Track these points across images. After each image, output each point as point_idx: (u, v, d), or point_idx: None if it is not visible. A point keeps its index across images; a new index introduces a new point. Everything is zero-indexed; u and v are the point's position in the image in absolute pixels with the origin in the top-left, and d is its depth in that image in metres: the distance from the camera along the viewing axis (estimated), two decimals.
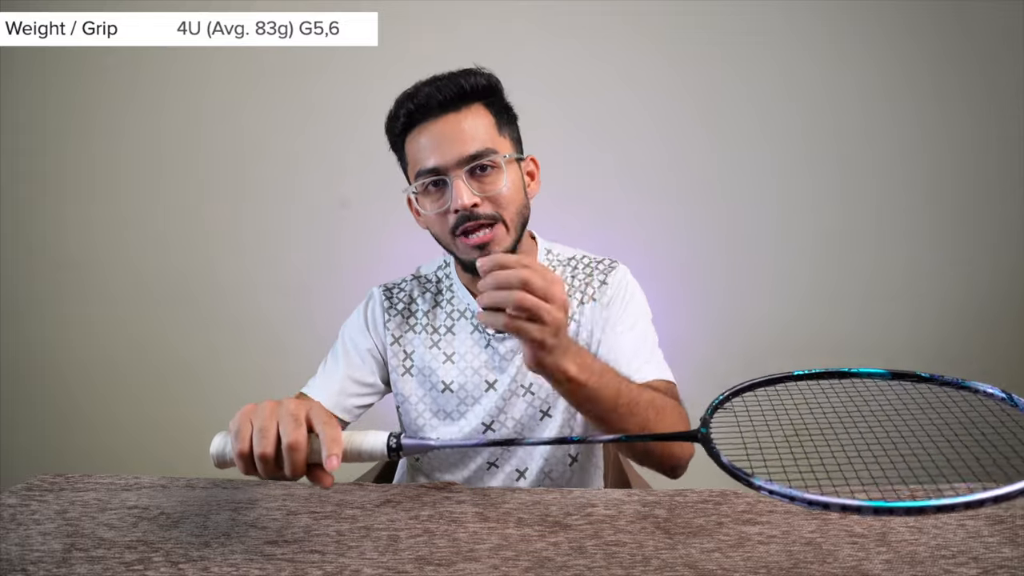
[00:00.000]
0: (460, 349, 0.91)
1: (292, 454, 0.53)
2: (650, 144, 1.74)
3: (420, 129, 0.82)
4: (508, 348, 0.90)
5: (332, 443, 0.53)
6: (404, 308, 0.94)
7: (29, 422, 1.81)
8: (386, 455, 0.56)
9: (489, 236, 0.81)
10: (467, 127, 0.81)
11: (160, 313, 1.79)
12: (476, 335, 0.91)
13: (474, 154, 0.79)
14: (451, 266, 0.96)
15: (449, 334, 0.92)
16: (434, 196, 0.82)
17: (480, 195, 0.79)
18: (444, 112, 0.81)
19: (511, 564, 0.52)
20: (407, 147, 0.84)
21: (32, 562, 0.52)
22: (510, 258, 0.60)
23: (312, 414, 0.55)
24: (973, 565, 0.51)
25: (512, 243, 0.84)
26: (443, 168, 0.80)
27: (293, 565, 0.52)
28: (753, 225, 1.76)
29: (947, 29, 1.68)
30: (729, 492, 0.65)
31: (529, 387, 0.90)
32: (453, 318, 0.93)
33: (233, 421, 0.55)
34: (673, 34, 1.70)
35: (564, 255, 0.97)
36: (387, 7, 1.63)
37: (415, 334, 0.93)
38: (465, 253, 0.83)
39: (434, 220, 0.83)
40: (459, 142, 0.80)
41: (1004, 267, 1.70)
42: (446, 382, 0.91)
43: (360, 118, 1.70)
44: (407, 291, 0.96)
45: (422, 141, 0.81)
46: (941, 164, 1.73)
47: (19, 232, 1.76)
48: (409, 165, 0.85)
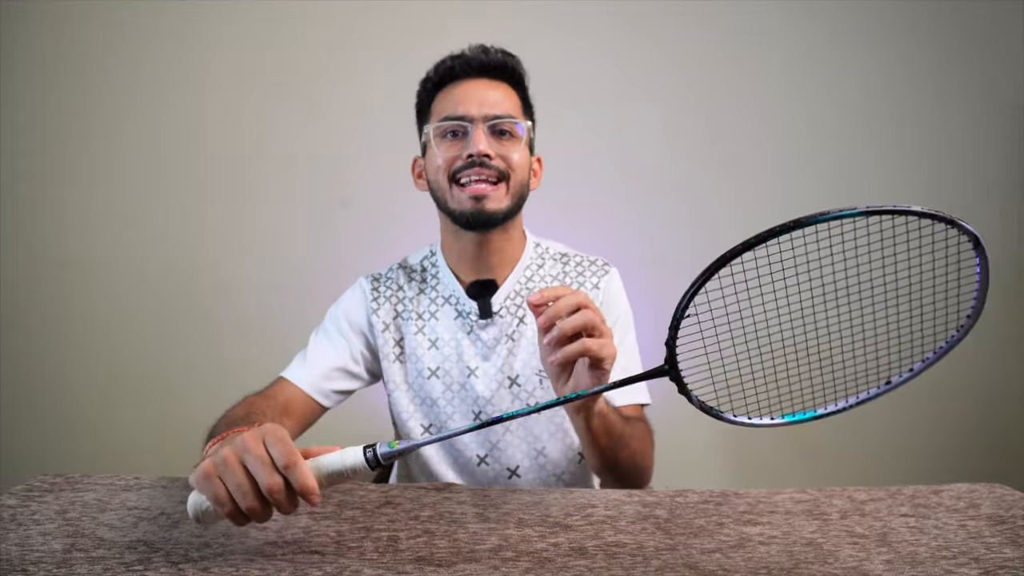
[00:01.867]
0: (444, 335, 0.92)
1: (276, 497, 0.50)
2: (650, 143, 1.74)
3: (455, 84, 0.87)
4: (491, 336, 0.91)
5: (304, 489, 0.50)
6: (392, 295, 0.95)
7: (29, 422, 1.81)
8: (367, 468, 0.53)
9: (488, 189, 0.84)
10: (499, 93, 0.86)
11: (160, 313, 1.79)
12: (459, 321, 0.92)
13: (501, 115, 0.85)
14: (437, 254, 0.96)
15: (433, 319, 0.92)
16: (449, 142, 0.86)
17: (496, 151, 0.84)
18: (481, 75, 0.86)
19: (511, 565, 0.52)
20: (436, 102, 0.88)
21: (32, 562, 0.52)
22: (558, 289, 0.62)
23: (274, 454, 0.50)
24: (974, 566, 0.51)
25: (506, 209, 0.86)
26: (471, 117, 0.84)
27: (293, 565, 0.52)
28: (753, 224, 1.75)
29: (947, 29, 1.69)
30: (730, 492, 0.65)
31: (516, 379, 0.90)
32: (437, 304, 0.93)
33: (200, 482, 0.51)
34: (673, 33, 1.70)
35: (554, 250, 0.97)
36: (388, 7, 1.63)
37: (403, 321, 0.93)
38: (459, 202, 0.85)
39: (439, 165, 0.85)
40: (489, 102, 0.85)
41: (1004, 266, 1.70)
42: (431, 368, 0.91)
43: (360, 118, 1.70)
44: (393, 279, 0.96)
45: (456, 93, 0.86)
46: (941, 164, 1.73)
47: (19, 232, 1.76)
48: (432, 116, 0.88)
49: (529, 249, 0.95)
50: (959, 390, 1.73)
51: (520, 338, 0.90)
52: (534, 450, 0.91)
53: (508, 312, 0.91)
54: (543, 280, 0.93)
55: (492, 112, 0.84)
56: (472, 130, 0.83)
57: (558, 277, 0.94)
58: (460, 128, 0.84)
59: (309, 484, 0.50)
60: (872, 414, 0.78)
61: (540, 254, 0.96)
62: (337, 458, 0.53)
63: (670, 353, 0.56)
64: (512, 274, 0.92)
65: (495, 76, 0.87)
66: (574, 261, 0.96)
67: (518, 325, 0.91)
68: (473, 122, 0.84)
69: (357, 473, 0.53)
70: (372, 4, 1.67)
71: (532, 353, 0.90)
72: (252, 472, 0.50)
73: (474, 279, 0.90)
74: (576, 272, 0.94)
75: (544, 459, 0.91)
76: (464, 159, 0.83)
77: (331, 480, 0.53)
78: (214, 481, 0.50)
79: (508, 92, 0.88)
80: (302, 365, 0.89)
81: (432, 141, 0.86)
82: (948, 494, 0.65)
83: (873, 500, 0.64)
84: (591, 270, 0.94)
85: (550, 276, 0.94)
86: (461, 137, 0.85)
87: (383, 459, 0.53)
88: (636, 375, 0.57)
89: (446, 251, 0.94)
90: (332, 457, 0.53)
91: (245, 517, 0.51)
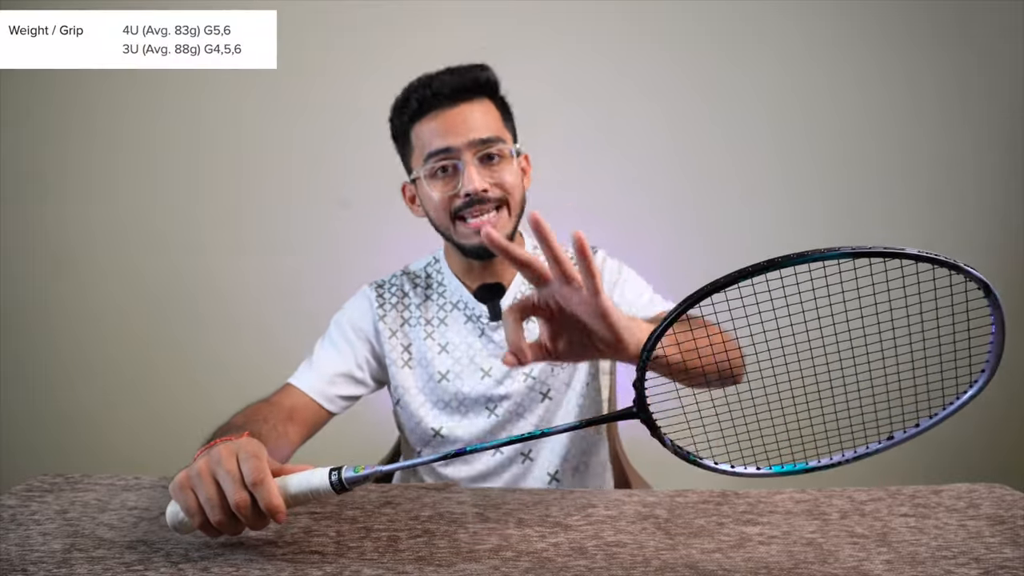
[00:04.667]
0: (454, 339, 0.92)
1: (243, 512, 0.50)
2: (649, 142, 1.73)
3: (433, 115, 0.84)
4: (503, 337, 0.91)
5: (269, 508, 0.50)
6: (397, 303, 0.95)
7: (29, 422, 1.81)
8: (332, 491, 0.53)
9: (494, 220, 0.84)
10: (478, 116, 0.85)
11: (160, 313, 1.79)
12: (470, 325, 0.93)
13: (486, 139, 0.83)
14: (441, 261, 0.97)
15: (443, 325, 0.93)
16: (442, 180, 0.85)
17: (489, 181, 0.83)
18: (457, 101, 0.84)
19: (511, 565, 0.52)
20: (415, 132, 0.86)
21: (32, 562, 0.52)
22: None
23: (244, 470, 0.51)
24: (974, 566, 0.51)
25: (512, 228, 0.88)
26: (455, 149, 0.83)
27: (293, 565, 0.52)
28: (754, 224, 1.75)
29: (946, 29, 1.69)
30: (730, 492, 0.65)
31: (530, 372, 0.91)
32: (446, 310, 0.94)
33: (175, 491, 0.52)
34: (672, 29, 1.70)
35: None
36: (388, 6, 1.63)
37: (410, 327, 0.94)
38: (465, 237, 0.86)
39: (437, 204, 0.85)
40: (472, 128, 0.83)
41: (1005, 267, 1.70)
42: (442, 372, 0.92)
43: (360, 118, 1.70)
44: (398, 285, 0.97)
45: (434, 126, 0.84)
46: (941, 164, 1.73)
47: (19, 232, 1.76)
48: (415, 150, 0.87)
49: (528, 248, 0.96)
50: None
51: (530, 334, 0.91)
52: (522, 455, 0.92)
53: None
54: None
55: (478, 136, 0.83)
56: (463, 166, 0.82)
57: None
58: (449, 163, 0.83)
59: (274, 503, 0.50)
60: None
61: (537, 253, 0.96)
62: (304, 479, 0.53)
63: (639, 395, 0.52)
64: (517, 275, 0.93)
65: (470, 95, 0.85)
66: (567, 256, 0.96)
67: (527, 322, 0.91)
68: (460, 153, 0.82)
69: (320, 496, 0.53)
70: (372, 3, 1.67)
71: None
72: (222, 486, 0.51)
73: (480, 284, 0.91)
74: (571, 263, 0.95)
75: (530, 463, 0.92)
76: (462, 198, 0.83)
77: (296, 500, 0.53)
78: (187, 492, 0.51)
79: (487, 107, 0.86)
80: (308, 371, 0.90)
81: (423, 181, 0.85)
82: (948, 494, 0.65)
83: (873, 500, 0.64)
84: None
85: None
86: (452, 173, 0.84)
87: (347, 483, 0.52)
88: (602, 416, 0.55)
89: (449, 260, 0.96)
90: (299, 478, 0.53)
91: (216, 529, 0.52)
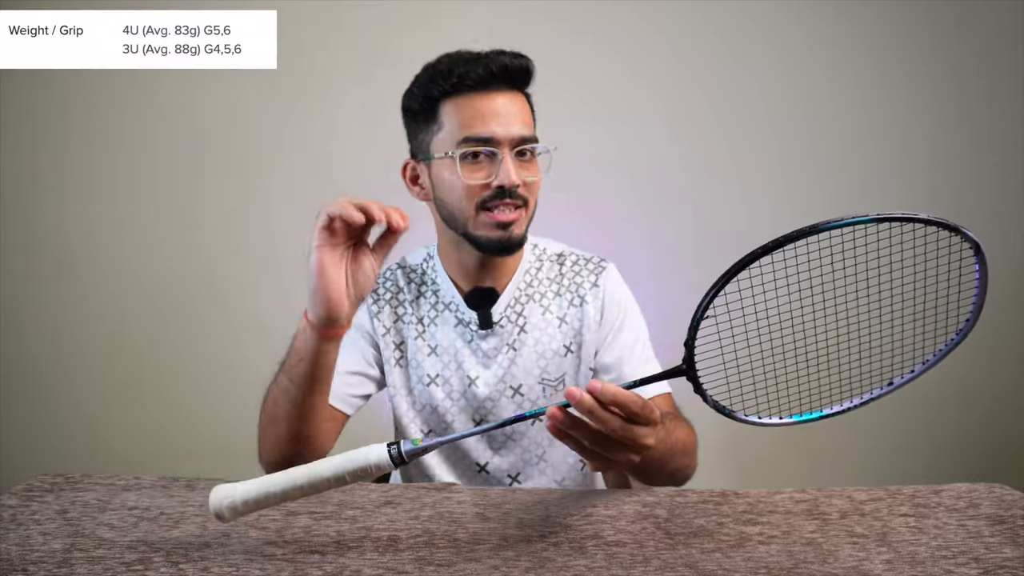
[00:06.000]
0: (444, 342, 0.90)
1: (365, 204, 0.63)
2: (649, 142, 1.73)
3: (472, 96, 0.80)
4: (491, 346, 0.89)
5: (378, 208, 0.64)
6: (392, 298, 0.92)
7: (29, 423, 1.81)
8: (392, 465, 0.53)
9: (517, 216, 0.82)
10: (522, 110, 0.83)
11: (159, 313, 1.78)
12: (460, 328, 0.90)
13: (527, 137, 0.82)
14: (435, 258, 0.93)
15: (433, 325, 0.91)
16: (474, 167, 0.80)
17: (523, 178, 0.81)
18: (504, 87, 0.81)
19: (511, 564, 0.52)
20: (449, 110, 0.81)
21: (32, 562, 0.52)
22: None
23: None
24: (974, 565, 0.51)
25: (526, 232, 0.85)
26: (498, 140, 0.80)
27: (293, 565, 0.52)
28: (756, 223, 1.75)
29: (946, 29, 1.69)
30: (729, 492, 0.66)
31: (518, 388, 0.89)
32: (437, 310, 0.91)
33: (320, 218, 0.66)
34: (673, 29, 1.70)
35: (552, 250, 0.96)
36: (386, 8, 1.63)
37: (404, 324, 0.91)
38: (485, 229, 0.82)
39: (462, 190, 0.81)
40: (518, 121, 0.81)
41: (1004, 268, 1.70)
42: (431, 375, 0.90)
43: (360, 117, 1.70)
44: (392, 280, 0.94)
45: (476, 107, 0.80)
46: (941, 164, 1.73)
47: (19, 232, 1.76)
48: (445, 128, 0.82)
49: (527, 251, 0.93)
50: (959, 390, 1.73)
51: (521, 347, 0.89)
52: (535, 456, 0.91)
53: (509, 321, 0.90)
54: (541, 284, 0.92)
55: (519, 134, 0.80)
56: (501, 156, 0.79)
57: (555, 279, 0.92)
58: (488, 151, 0.80)
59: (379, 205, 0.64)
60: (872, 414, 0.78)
61: (538, 256, 0.94)
62: (361, 455, 0.53)
63: (688, 353, 0.57)
64: (512, 282, 0.90)
65: (512, 85, 0.82)
66: (570, 260, 0.94)
67: (519, 334, 0.90)
68: (500, 144, 0.79)
69: (383, 469, 0.53)
70: (372, 3, 1.67)
71: (534, 361, 0.89)
72: None
73: (472, 287, 0.89)
74: (573, 272, 0.93)
75: (544, 464, 0.91)
76: (493, 189, 0.80)
77: (355, 477, 0.53)
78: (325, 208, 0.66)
79: (524, 104, 0.83)
80: None
81: (451, 163, 0.81)
82: (948, 494, 0.65)
83: (873, 500, 0.64)
84: (588, 268, 0.93)
85: (548, 279, 0.92)
86: (485, 161, 0.80)
87: (407, 456, 0.53)
88: (653, 375, 0.58)
89: (443, 258, 0.92)
90: (354, 455, 0.53)
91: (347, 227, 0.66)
